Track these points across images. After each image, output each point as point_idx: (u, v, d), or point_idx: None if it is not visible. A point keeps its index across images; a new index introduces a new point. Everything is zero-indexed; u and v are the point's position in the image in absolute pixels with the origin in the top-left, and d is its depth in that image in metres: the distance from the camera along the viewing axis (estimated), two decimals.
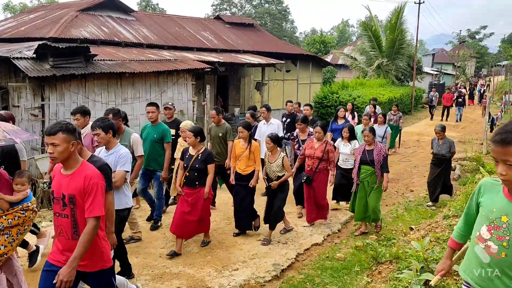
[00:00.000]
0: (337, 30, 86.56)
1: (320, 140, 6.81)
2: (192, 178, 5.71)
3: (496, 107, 25.81)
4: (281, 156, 6.21)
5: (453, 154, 8.28)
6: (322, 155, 6.70)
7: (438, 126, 8.20)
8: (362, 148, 6.64)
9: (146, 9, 52.86)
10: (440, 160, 8.13)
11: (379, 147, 6.52)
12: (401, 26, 26.57)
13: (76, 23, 13.85)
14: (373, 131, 6.63)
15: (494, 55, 76.56)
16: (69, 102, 10.13)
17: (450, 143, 8.05)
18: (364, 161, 6.52)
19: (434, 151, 8.22)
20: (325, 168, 6.82)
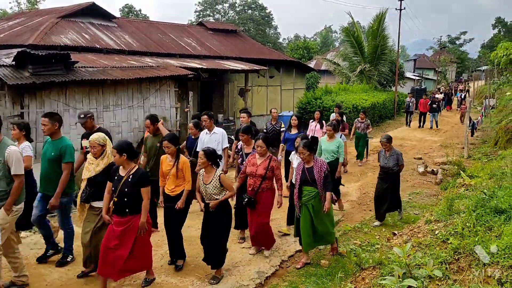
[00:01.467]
0: (320, 36, 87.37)
1: (263, 156, 5.86)
2: (121, 204, 4.73)
3: (476, 111, 26.29)
4: (217, 174, 5.23)
5: (402, 167, 7.60)
6: (265, 173, 5.76)
7: (384, 137, 7.55)
8: (301, 166, 5.78)
9: (129, 15, 52.57)
10: (387, 174, 7.45)
11: (319, 163, 5.68)
12: (383, 32, 26.95)
13: (56, 30, 13.68)
14: (310, 145, 5.70)
15: (474, 60, 78.23)
16: (49, 110, 9.94)
17: (398, 156, 7.39)
18: (304, 181, 5.66)
19: (381, 164, 7.55)
20: (270, 188, 5.91)
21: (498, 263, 3.69)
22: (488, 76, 39.44)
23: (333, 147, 7.92)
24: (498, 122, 17.88)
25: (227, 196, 5.29)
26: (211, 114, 7.66)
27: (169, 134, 5.99)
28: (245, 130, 6.66)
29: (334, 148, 7.89)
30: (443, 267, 3.93)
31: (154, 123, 6.86)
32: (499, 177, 6.13)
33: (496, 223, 4.33)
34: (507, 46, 14.55)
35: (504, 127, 13.38)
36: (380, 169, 7.63)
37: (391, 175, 7.44)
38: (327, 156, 7.82)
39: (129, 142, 5.06)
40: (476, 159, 12.12)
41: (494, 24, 71.88)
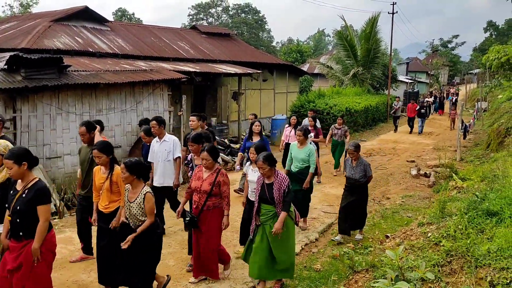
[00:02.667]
0: (313, 39, 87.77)
1: (210, 169, 5.16)
2: (14, 225, 3.87)
3: (468, 114, 26.48)
4: (144, 192, 4.44)
5: (370, 179, 6.86)
6: (211, 189, 5.04)
7: (351, 144, 6.82)
8: (261, 181, 5.07)
9: (122, 19, 52.50)
10: (354, 186, 6.76)
11: (280, 179, 4.92)
12: (375, 35, 27.11)
13: (49, 34, 13.61)
14: (270, 158, 4.93)
15: (466, 64, 78.92)
16: (42, 113, 9.91)
17: (365, 166, 6.68)
18: (263, 199, 5.00)
19: (347, 174, 6.86)
20: (218, 206, 5.17)
21: (490, 265, 3.72)
22: (480, 79, 39.78)
23: (303, 154, 7.10)
24: (490, 125, 18.03)
25: (143, 228, 4.40)
26: (161, 120, 6.80)
27: (99, 142, 5.17)
28: (195, 139, 5.82)
29: (304, 156, 7.08)
30: (436, 270, 3.95)
31: (90, 131, 5.85)
32: (491, 180, 6.18)
33: (488, 226, 4.37)
34: (499, 49, 14.70)
35: (496, 129, 13.49)
36: (346, 180, 6.94)
37: (358, 188, 6.73)
38: (297, 164, 7.15)
39: (26, 148, 4.14)
40: (468, 162, 12.20)
41: (486, 28, 72.62)
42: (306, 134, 7.19)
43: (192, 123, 7.41)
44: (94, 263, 5.33)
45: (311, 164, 7.06)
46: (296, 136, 7.29)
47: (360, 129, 21.15)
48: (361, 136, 19.85)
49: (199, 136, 5.93)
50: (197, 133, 6.34)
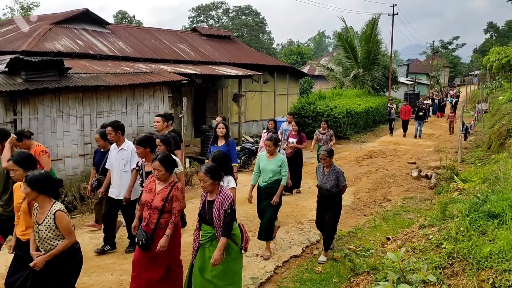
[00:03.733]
0: (313, 41, 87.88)
1: (165, 182, 4.43)
2: None
3: (469, 116, 26.46)
4: (53, 210, 3.72)
5: (344, 188, 6.16)
6: (164, 205, 4.34)
7: (323, 149, 6.10)
8: (203, 197, 4.40)
9: (123, 21, 52.59)
10: (326, 197, 6.08)
11: (222, 197, 4.19)
12: (376, 37, 27.17)
13: (50, 36, 13.64)
14: (214, 171, 4.21)
15: (466, 65, 78.90)
16: (42, 116, 9.92)
17: (338, 174, 6.00)
18: (203, 218, 4.33)
19: (318, 183, 6.20)
20: None
21: (492, 267, 3.70)
22: (480, 81, 39.78)
23: (274, 165, 6.21)
24: (491, 127, 18.01)
25: (58, 250, 3.71)
26: (117, 125, 6.00)
27: (17, 152, 4.47)
28: (140, 141, 5.16)
29: (275, 167, 6.19)
30: (437, 272, 3.94)
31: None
32: (492, 182, 6.17)
33: (489, 228, 4.35)
34: (499, 51, 14.72)
35: (497, 131, 13.48)
36: (318, 190, 6.26)
37: (330, 199, 6.04)
38: (266, 177, 6.23)
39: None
40: (469, 164, 12.18)
41: (486, 29, 72.62)
42: (276, 143, 6.32)
43: (157, 125, 6.90)
44: None
45: (283, 175, 6.21)
46: (265, 146, 6.32)
47: (360, 131, 21.14)
48: (362, 138, 19.84)
49: (145, 139, 5.24)
50: (145, 135, 5.55)
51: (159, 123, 6.91)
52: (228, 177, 4.88)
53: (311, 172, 12.29)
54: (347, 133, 19.04)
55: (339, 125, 18.41)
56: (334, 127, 18.31)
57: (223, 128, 7.29)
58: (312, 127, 18.46)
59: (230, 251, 4.29)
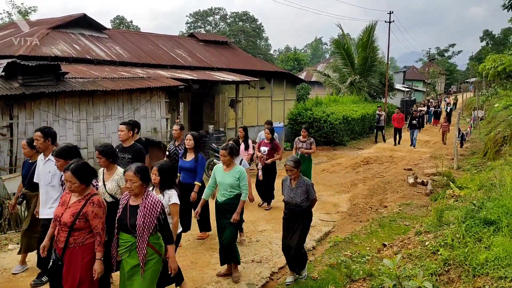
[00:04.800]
0: (310, 47, 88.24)
1: (79, 194, 3.92)
2: None
3: (465, 123, 26.57)
4: None
5: (313, 202, 5.50)
6: (74, 221, 3.80)
7: (290, 159, 5.44)
8: (124, 201, 4.01)
9: (120, 27, 52.68)
10: (294, 213, 5.44)
11: (150, 203, 3.83)
12: (372, 44, 27.31)
13: (47, 41, 13.63)
14: (143, 171, 3.90)
15: (462, 72, 79.37)
16: (39, 120, 9.89)
17: (308, 187, 5.37)
18: (122, 225, 3.89)
19: (285, 198, 5.55)
20: (85, 243, 3.87)
21: (488, 274, 3.70)
22: (476, 88, 39.97)
23: (231, 179, 5.50)
24: (487, 134, 18.08)
25: None
26: (48, 132, 5.22)
27: None
28: (59, 153, 4.55)
29: (232, 180, 5.50)
30: (433, 279, 3.94)
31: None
32: (488, 188, 6.19)
33: (485, 234, 4.36)
34: (495, 58, 14.79)
35: (493, 138, 13.53)
36: (285, 206, 5.62)
37: (299, 215, 5.41)
38: (224, 191, 5.57)
39: None
40: (465, 170, 12.22)
41: (482, 37, 73.11)
42: (232, 153, 5.58)
43: (121, 134, 6.07)
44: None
45: (243, 189, 5.53)
46: (220, 156, 5.61)
47: (357, 137, 21.18)
48: (358, 144, 19.88)
49: (65, 149, 4.58)
50: (66, 145, 4.71)
51: (123, 132, 6.05)
52: (171, 191, 4.53)
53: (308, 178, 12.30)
54: (343, 139, 19.06)
55: (336, 131, 18.44)
56: (330, 133, 18.36)
57: (191, 140, 6.48)
58: (308, 133, 18.46)
59: (152, 261, 3.88)
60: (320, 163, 15.03)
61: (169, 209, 4.45)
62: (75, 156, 4.49)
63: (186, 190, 6.39)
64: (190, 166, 6.44)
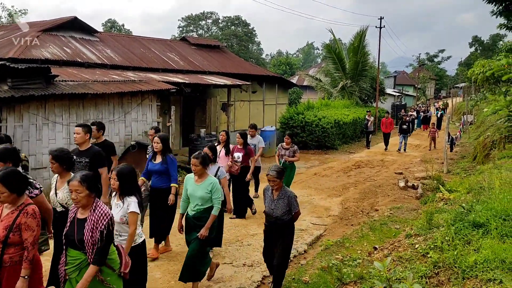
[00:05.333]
0: (302, 52, 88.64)
1: (13, 205, 3.53)
2: None
3: (455, 127, 26.82)
4: None
5: (297, 215, 5.14)
6: (7, 236, 3.42)
7: (272, 169, 5.00)
8: (72, 214, 3.62)
9: (112, 30, 52.50)
10: (275, 226, 5.07)
11: (97, 215, 3.45)
12: (363, 49, 27.52)
13: (37, 44, 13.53)
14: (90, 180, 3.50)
15: (452, 78, 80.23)
16: (28, 124, 9.80)
17: (290, 199, 4.99)
18: (70, 241, 3.53)
19: (266, 209, 5.16)
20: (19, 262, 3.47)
21: (477, 276, 3.73)
22: (465, 93, 40.42)
23: (203, 191, 5.10)
24: (476, 138, 18.26)
25: None
26: None
27: None
28: None
29: (204, 193, 5.09)
30: (423, 281, 3.96)
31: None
32: (477, 192, 6.24)
33: (474, 237, 4.39)
34: (484, 64, 14.99)
35: (482, 142, 13.67)
36: (265, 217, 5.24)
37: (280, 228, 5.04)
38: (195, 204, 5.16)
39: None
40: (455, 174, 12.32)
41: (471, 43, 73.99)
42: (205, 162, 5.15)
43: (77, 137, 5.73)
44: None
45: (215, 203, 5.10)
46: (191, 166, 5.18)
47: (348, 141, 21.28)
48: (350, 148, 19.96)
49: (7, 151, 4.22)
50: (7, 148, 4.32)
51: (79, 135, 5.70)
52: (131, 198, 4.16)
53: (299, 181, 12.32)
54: (335, 143, 19.14)
55: (327, 135, 18.51)
56: (322, 137, 18.42)
57: (158, 143, 6.18)
58: (300, 137, 18.54)
59: (105, 278, 3.51)
60: (311, 167, 15.07)
61: (127, 217, 4.12)
62: (13, 159, 4.17)
63: (158, 194, 6.25)
64: (159, 169, 6.19)
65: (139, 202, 4.17)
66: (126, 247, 3.98)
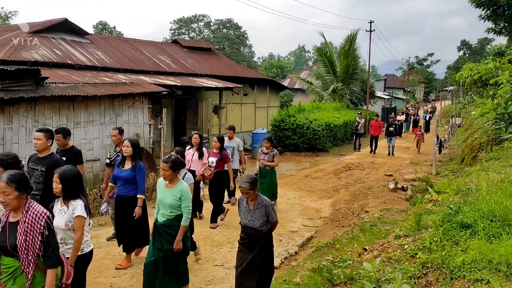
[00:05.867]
0: (294, 55, 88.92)
1: None
2: None
3: (443, 130, 27.09)
4: None
5: (274, 225, 4.77)
6: None
7: (245, 179, 4.60)
8: (3, 218, 3.33)
9: (103, 32, 52.24)
10: (253, 238, 4.66)
11: (31, 216, 3.20)
12: (354, 52, 27.71)
13: (27, 46, 13.45)
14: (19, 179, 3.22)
15: (441, 81, 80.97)
16: (17, 126, 9.74)
17: (267, 208, 4.63)
18: (2, 248, 3.24)
19: (242, 221, 4.77)
20: None
21: (465, 277, 3.79)
22: (454, 96, 40.84)
23: (172, 198, 4.77)
24: (464, 140, 18.46)
25: None
26: None
27: None
28: None
29: (172, 200, 4.77)
30: (412, 282, 4.01)
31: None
32: (465, 193, 6.32)
33: (462, 238, 4.46)
34: (472, 67, 15.21)
35: (470, 145, 13.83)
36: (241, 229, 4.81)
37: (258, 240, 4.63)
38: (164, 211, 4.84)
39: None
40: (443, 176, 12.45)
41: (460, 47, 74.77)
42: (174, 166, 4.79)
43: (37, 143, 5.25)
44: None
45: (184, 212, 4.77)
46: (161, 170, 4.86)
47: (339, 144, 21.40)
48: (341, 151, 20.06)
49: None
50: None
51: (40, 141, 5.24)
52: (76, 201, 3.87)
53: (291, 184, 12.37)
54: (326, 145, 19.23)
55: (318, 137, 18.60)
56: (313, 139, 18.50)
57: (128, 147, 5.68)
58: (292, 139, 18.61)
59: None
60: (303, 169, 15.14)
61: (73, 223, 3.82)
62: None
63: (122, 203, 5.83)
64: (126, 176, 5.68)
65: (86, 206, 3.89)
66: (71, 255, 3.75)
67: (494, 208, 4.68)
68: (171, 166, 4.73)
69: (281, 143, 18.87)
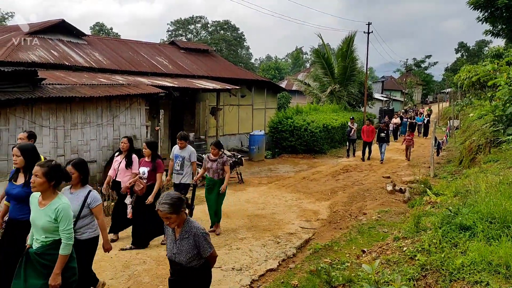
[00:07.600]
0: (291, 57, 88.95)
1: None
2: None
3: (441, 132, 27.12)
4: None
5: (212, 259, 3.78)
6: None
7: (164, 201, 3.49)
8: None
9: (100, 33, 52.20)
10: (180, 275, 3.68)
11: None
12: (352, 54, 27.74)
13: (24, 46, 13.40)
14: None
15: (438, 83, 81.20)
16: (14, 127, 9.67)
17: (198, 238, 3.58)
18: None
19: (167, 253, 3.77)
20: None
21: (464, 279, 3.77)
22: (452, 98, 40.92)
23: (45, 219, 3.68)
24: (462, 142, 18.49)
25: None
26: None
27: None
28: None
29: (45, 221, 3.69)
30: (411, 284, 3.99)
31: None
32: (463, 195, 6.31)
33: (461, 240, 4.44)
34: (469, 69, 15.20)
35: (468, 147, 13.84)
36: (170, 264, 3.80)
37: (188, 278, 3.64)
38: (38, 237, 3.75)
39: None
40: (441, 178, 12.45)
41: (457, 49, 75.08)
42: (50, 175, 3.68)
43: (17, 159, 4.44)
44: None
45: (63, 236, 3.66)
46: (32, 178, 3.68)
47: (337, 145, 21.38)
48: (338, 153, 20.05)
49: None
50: None
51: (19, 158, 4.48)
52: None
53: (288, 185, 12.35)
54: (323, 147, 19.22)
55: (316, 139, 18.59)
56: (311, 141, 18.49)
57: (18, 156, 4.42)
58: (289, 141, 18.59)
59: None
60: (300, 171, 15.11)
61: None
62: None
63: (14, 228, 4.40)
64: (19, 193, 4.32)
65: None
66: None
67: (493, 210, 4.66)
68: (45, 173, 3.61)
69: (279, 145, 18.86)
